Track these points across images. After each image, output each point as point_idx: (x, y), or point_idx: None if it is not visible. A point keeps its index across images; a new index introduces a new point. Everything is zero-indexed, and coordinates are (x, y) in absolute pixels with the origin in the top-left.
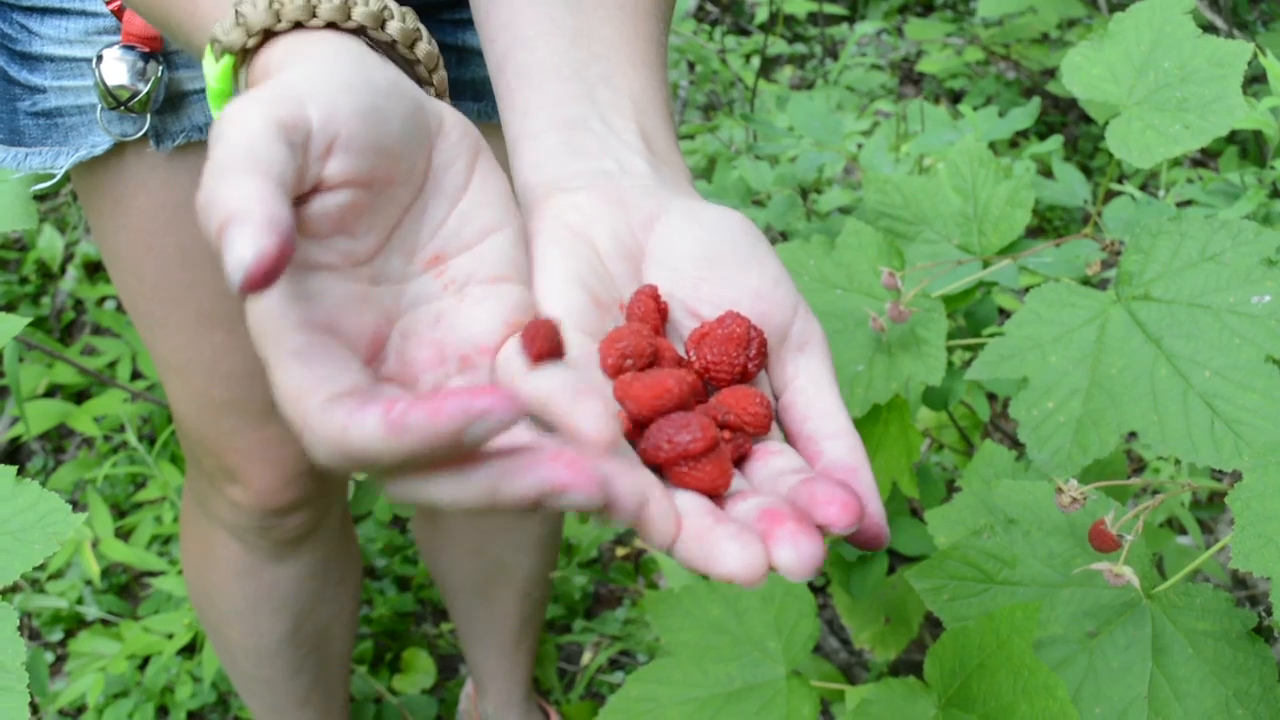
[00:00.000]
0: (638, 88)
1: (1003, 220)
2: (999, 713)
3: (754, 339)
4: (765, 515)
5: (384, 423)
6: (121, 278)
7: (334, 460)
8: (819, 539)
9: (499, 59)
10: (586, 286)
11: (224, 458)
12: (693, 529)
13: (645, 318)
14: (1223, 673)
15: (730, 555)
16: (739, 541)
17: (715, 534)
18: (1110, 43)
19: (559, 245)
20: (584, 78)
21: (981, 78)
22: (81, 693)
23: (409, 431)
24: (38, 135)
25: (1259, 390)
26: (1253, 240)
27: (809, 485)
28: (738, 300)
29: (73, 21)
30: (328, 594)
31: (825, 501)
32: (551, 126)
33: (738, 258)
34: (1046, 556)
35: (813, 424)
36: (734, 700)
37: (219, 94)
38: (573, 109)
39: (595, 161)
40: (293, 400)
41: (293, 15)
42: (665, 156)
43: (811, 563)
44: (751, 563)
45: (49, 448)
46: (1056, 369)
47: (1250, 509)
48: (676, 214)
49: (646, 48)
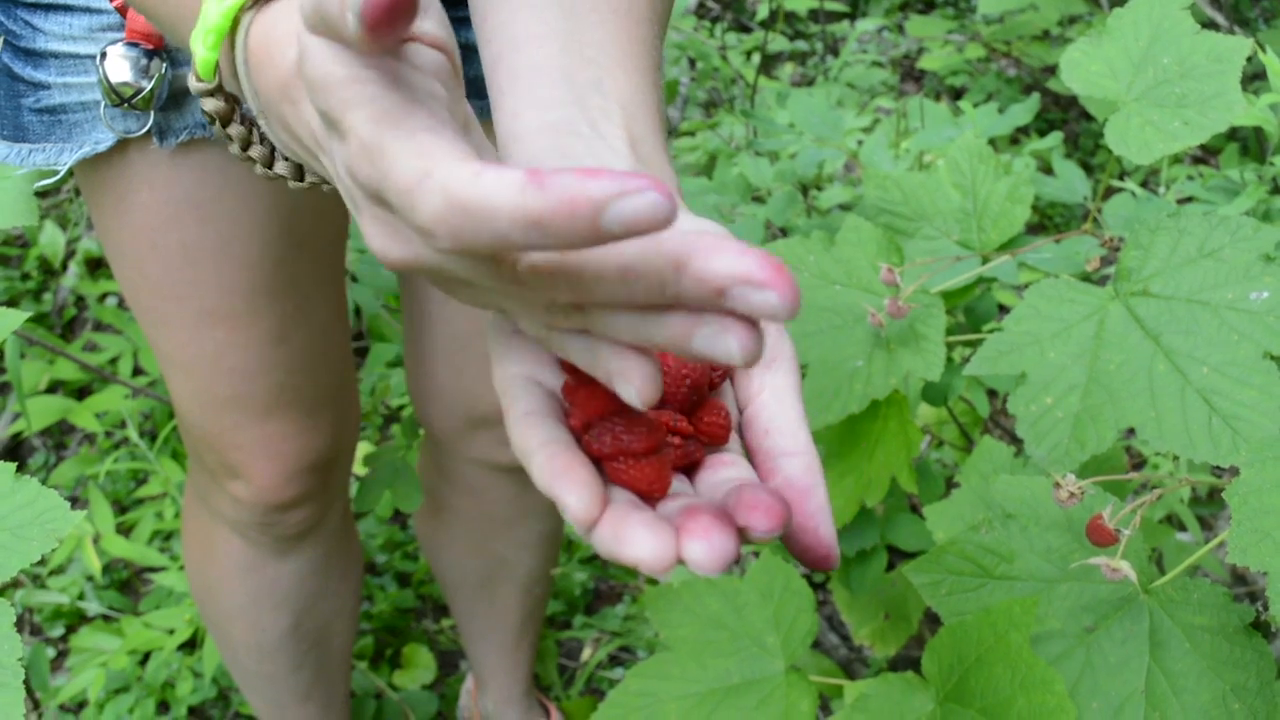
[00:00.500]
0: (627, 93)
1: (1002, 216)
2: (997, 707)
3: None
4: (685, 512)
5: (524, 175)
6: (125, 274)
7: (443, 220)
8: (734, 537)
9: (492, 61)
10: None
11: (226, 454)
12: (610, 516)
13: None
14: (1220, 667)
15: (639, 541)
16: (651, 529)
17: (630, 519)
18: (1109, 39)
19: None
20: (573, 83)
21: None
22: (83, 688)
23: (550, 190)
24: (41, 132)
25: (1257, 386)
26: (1251, 236)
27: (740, 490)
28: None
29: (77, 18)
30: (329, 590)
31: (750, 506)
32: (539, 130)
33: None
34: (1044, 551)
35: (772, 440)
36: (732, 695)
37: (213, 30)
38: (560, 114)
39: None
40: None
41: None
42: (651, 162)
43: (722, 558)
44: (659, 550)
45: (50, 444)
46: (1055, 365)
47: (1247, 504)
48: None
49: (639, 51)
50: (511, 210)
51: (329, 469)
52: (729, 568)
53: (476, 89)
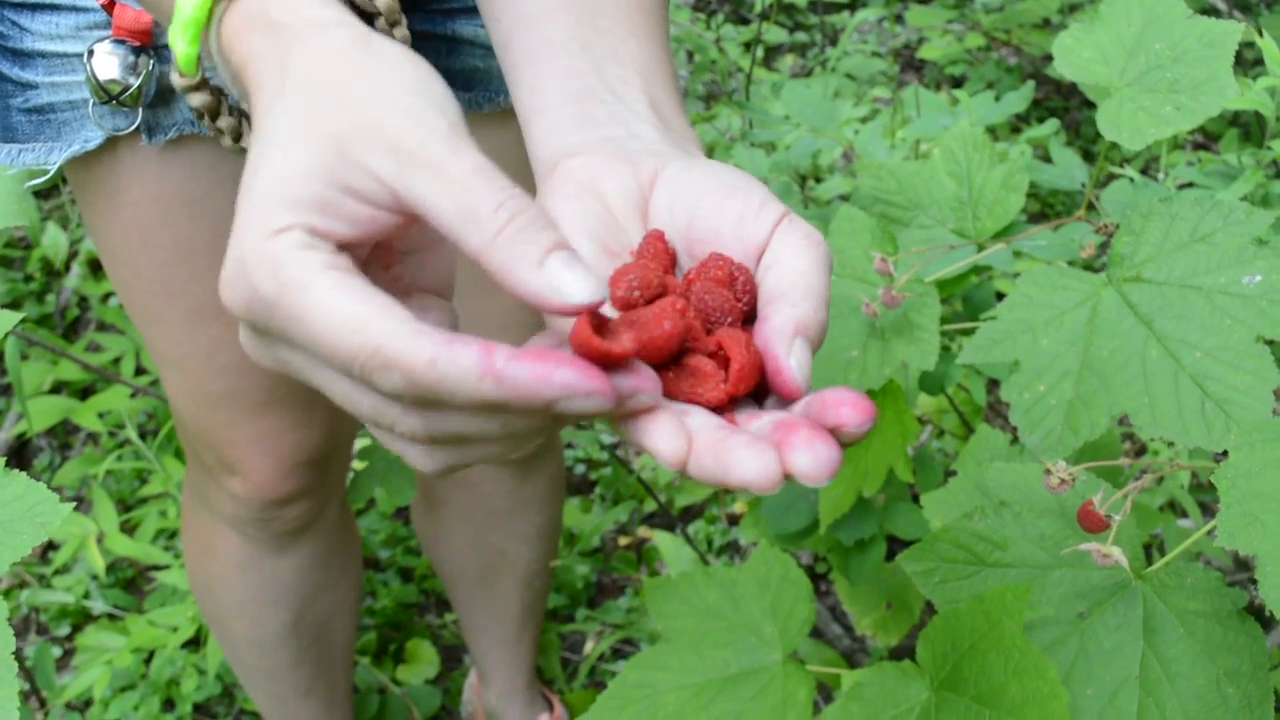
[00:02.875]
0: (643, 60)
1: (997, 204)
2: (990, 694)
3: (737, 278)
4: (780, 426)
5: (480, 364)
6: (117, 272)
7: (405, 391)
8: (833, 443)
9: (504, 39)
10: (596, 237)
11: (222, 450)
12: (706, 442)
13: (654, 257)
14: (1214, 652)
15: (745, 463)
16: (753, 450)
17: (729, 443)
18: (1101, 25)
19: (568, 201)
20: (591, 52)
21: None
22: (88, 686)
23: (506, 384)
24: (30, 131)
25: (1250, 370)
26: (1244, 220)
27: (821, 395)
28: (720, 229)
29: (63, 17)
30: (329, 585)
31: (835, 403)
32: (562, 100)
33: (721, 191)
34: (1038, 538)
35: (764, 299)
36: (730, 685)
37: (191, 23)
38: (581, 83)
39: (605, 129)
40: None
41: None
42: (674, 124)
43: (829, 466)
44: (766, 469)
45: (55, 444)
46: (1048, 352)
47: (1236, 487)
48: (675, 166)
49: (649, 21)
50: (469, 394)
51: (325, 464)
52: (835, 475)
53: (467, 81)
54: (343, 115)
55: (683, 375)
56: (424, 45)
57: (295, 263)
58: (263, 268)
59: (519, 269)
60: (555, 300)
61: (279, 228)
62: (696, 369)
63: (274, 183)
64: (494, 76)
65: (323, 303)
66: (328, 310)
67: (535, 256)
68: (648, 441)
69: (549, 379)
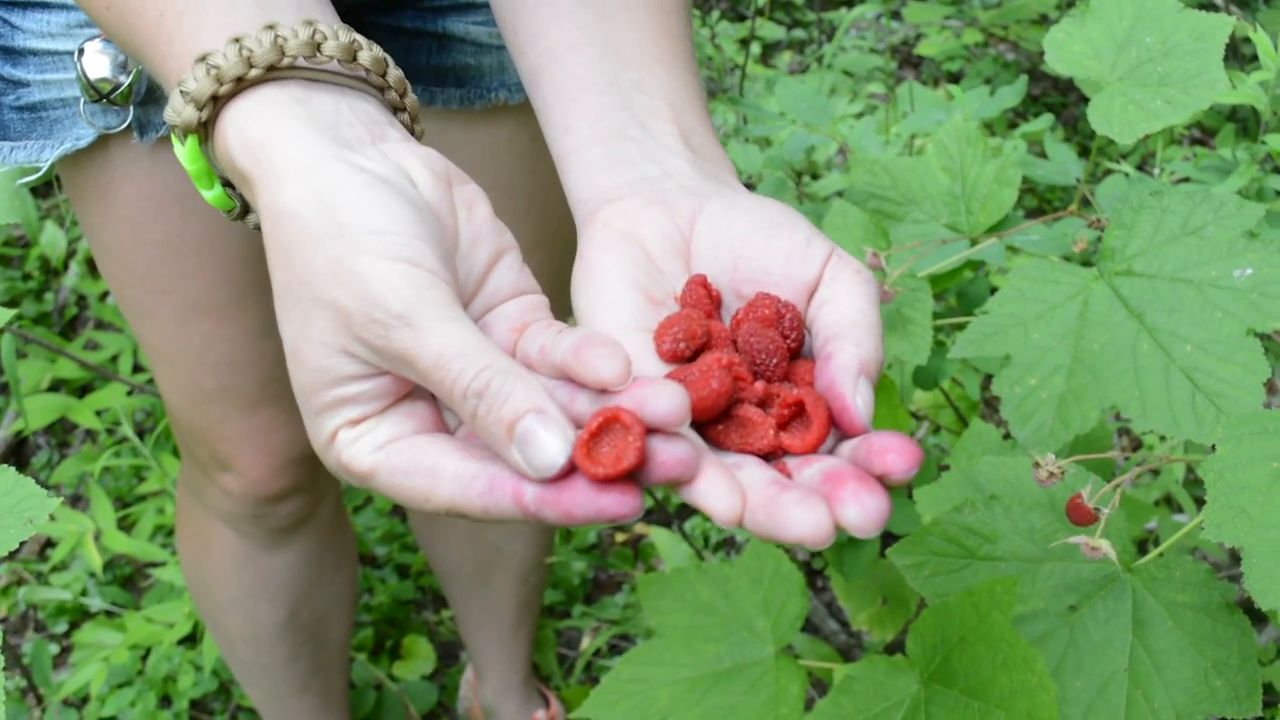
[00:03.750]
0: (670, 87)
1: (990, 199)
2: (979, 687)
3: (784, 315)
4: (829, 478)
5: (518, 507)
6: (110, 270)
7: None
8: (882, 493)
9: (532, 73)
10: (639, 286)
11: (216, 446)
12: (759, 499)
13: (697, 304)
14: (1202, 644)
15: (798, 520)
16: (805, 506)
17: (781, 501)
18: (1092, 19)
19: (608, 251)
20: (618, 87)
21: (980, 60)
22: (85, 682)
23: (543, 518)
24: (22, 129)
25: (1240, 363)
26: (1234, 214)
27: (867, 441)
28: (769, 267)
29: (54, 15)
30: (324, 581)
31: (881, 450)
32: (593, 140)
33: (766, 230)
34: (1027, 532)
35: (819, 338)
36: (723, 680)
37: (197, 174)
38: (611, 120)
39: (638, 169)
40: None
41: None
42: (705, 152)
43: (878, 518)
44: (819, 526)
45: (53, 442)
46: (1039, 345)
47: (1223, 479)
48: (714, 205)
49: (674, 45)
50: (523, 520)
51: (319, 461)
52: (885, 525)
53: (459, 77)
54: (317, 311)
55: (732, 427)
56: (415, 42)
57: (353, 461)
58: (339, 471)
59: (499, 449)
60: (532, 475)
61: (328, 436)
62: (745, 420)
63: (302, 397)
64: (485, 73)
65: (392, 484)
66: (399, 490)
67: (502, 440)
68: (701, 503)
69: (573, 515)
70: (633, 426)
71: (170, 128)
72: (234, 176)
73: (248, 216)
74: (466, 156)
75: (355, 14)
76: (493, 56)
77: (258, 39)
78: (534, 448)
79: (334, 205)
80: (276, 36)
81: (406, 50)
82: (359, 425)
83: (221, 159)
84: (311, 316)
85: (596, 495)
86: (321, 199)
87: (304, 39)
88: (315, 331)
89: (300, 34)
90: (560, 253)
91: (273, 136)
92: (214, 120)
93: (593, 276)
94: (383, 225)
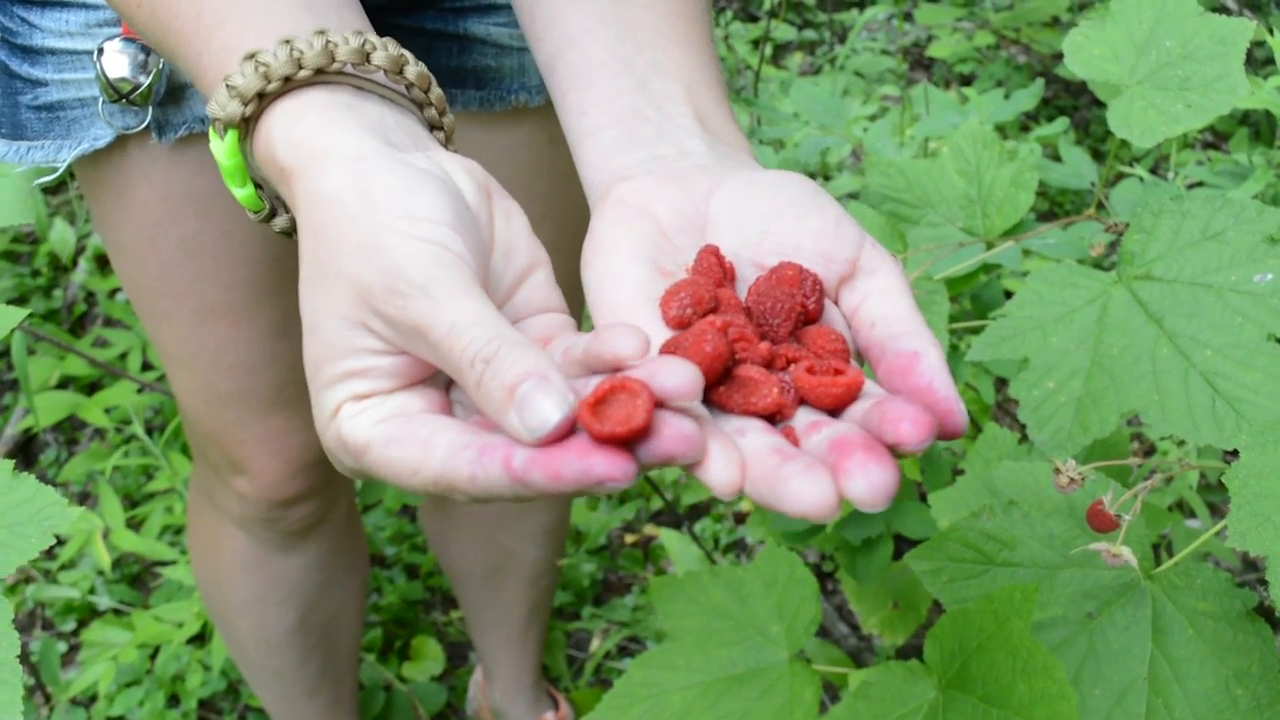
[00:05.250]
0: (687, 70)
1: (1006, 202)
2: (998, 694)
3: (807, 279)
4: (835, 446)
5: (507, 474)
6: (126, 271)
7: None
8: (890, 465)
9: (549, 60)
10: (649, 259)
11: (230, 449)
12: (759, 470)
13: (708, 273)
14: (1223, 653)
15: (799, 493)
16: (807, 477)
17: (782, 472)
18: (1112, 22)
19: (621, 225)
20: (634, 69)
21: (992, 62)
22: (93, 681)
23: (530, 485)
24: (40, 129)
25: (1260, 368)
26: (1255, 218)
27: (880, 405)
28: (799, 244)
29: (73, 14)
30: (335, 584)
31: (895, 419)
32: (609, 123)
33: (796, 208)
34: (1046, 538)
35: (878, 329)
36: (736, 684)
37: (231, 171)
38: (626, 102)
39: (653, 149)
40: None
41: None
42: (722, 134)
43: (884, 491)
44: (822, 498)
45: (62, 439)
46: (1058, 349)
47: (1247, 487)
48: (735, 181)
49: (690, 28)
50: (512, 495)
51: (333, 465)
52: (894, 497)
53: (479, 79)
54: (340, 285)
55: (734, 387)
56: (435, 44)
57: (351, 433)
58: (337, 446)
59: (498, 418)
60: (527, 436)
61: (332, 410)
62: (747, 379)
63: (313, 370)
64: (505, 75)
65: (384, 457)
66: (390, 462)
67: (503, 403)
68: (700, 475)
69: (560, 476)
70: (640, 392)
71: (211, 121)
72: (272, 172)
73: (274, 220)
74: (485, 158)
75: (377, 15)
76: (513, 59)
77: (309, 42)
78: (530, 407)
79: (373, 189)
80: (328, 42)
81: (427, 51)
82: (365, 400)
83: (261, 155)
84: (333, 291)
85: (586, 455)
86: (363, 183)
87: (354, 46)
88: (335, 305)
89: (351, 42)
90: (578, 256)
91: (320, 132)
92: (257, 118)
93: (602, 249)
94: (417, 211)
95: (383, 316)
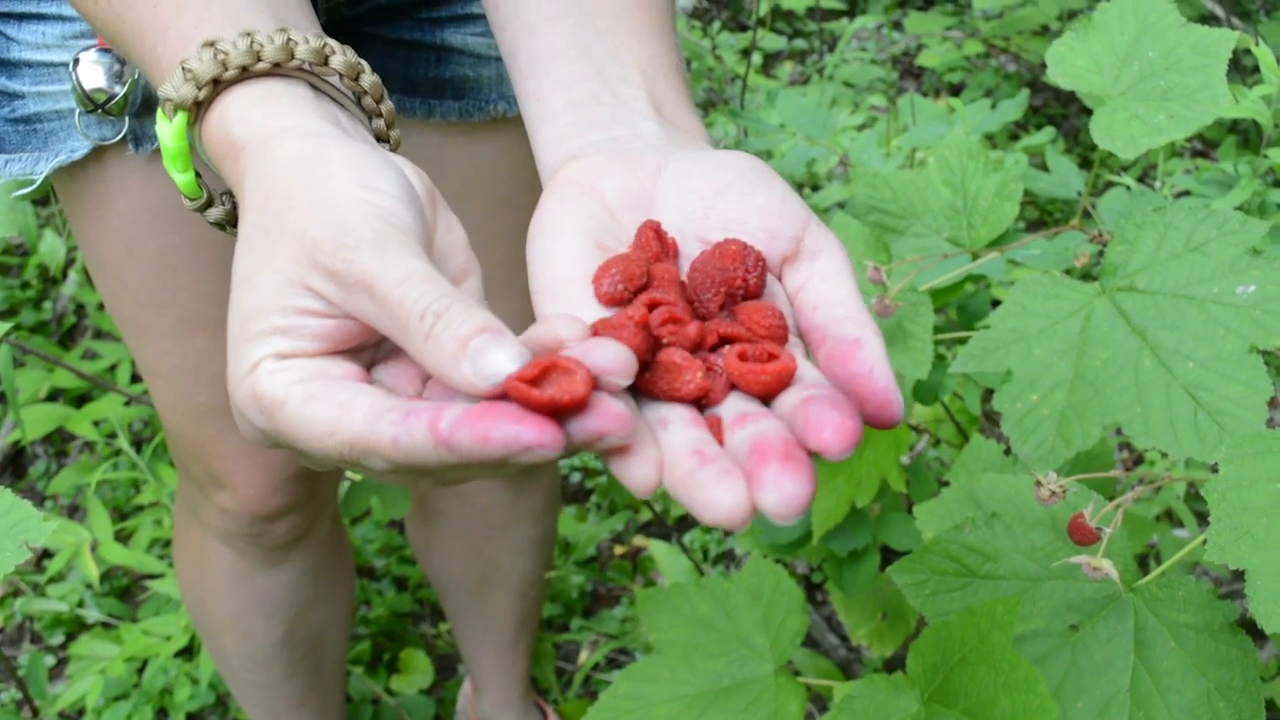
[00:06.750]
0: (645, 57)
1: (992, 213)
2: (980, 708)
3: (749, 254)
4: (755, 450)
5: (431, 436)
6: (105, 283)
7: (386, 467)
8: (806, 476)
9: (510, 47)
10: (590, 235)
11: (211, 463)
12: (678, 473)
13: (645, 248)
14: (1204, 665)
15: (713, 500)
16: (722, 486)
17: (699, 477)
18: (1094, 33)
19: (565, 202)
20: (591, 56)
21: (981, 71)
22: (81, 695)
23: (456, 449)
24: (17, 141)
25: (1242, 381)
26: (1238, 230)
27: (807, 405)
28: (744, 220)
29: (50, 26)
30: (321, 598)
31: (818, 426)
32: (564, 107)
33: (743, 184)
34: (1029, 550)
35: (820, 313)
36: (722, 698)
37: (175, 154)
38: (583, 88)
39: (607, 131)
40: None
41: (238, 60)
42: (678, 120)
43: (796, 505)
44: (734, 508)
45: (51, 451)
46: (1041, 361)
47: (1226, 500)
48: (683, 159)
49: (650, 17)
50: (436, 461)
51: (315, 478)
52: (807, 509)
53: (457, 89)
54: (285, 242)
55: (658, 373)
56: (413, 54)
57: (269, 389)
58: (249, 403)
59: (446, 369)
60: (482, 387)
61: (250, 365)
62: (670, 365)
63: (238, 323)
64: (484, 84)
65: (300, 415)
66: (305, 421)
67: (454, 353)
68: (619, 474)
69: (488, 438)
70: (577, 370)
71: (162, 102)
72: (222, 149)
73: (209, 210)
74: (467, 170)
75: (354, 25)
76: (491, 68)
77: (269, 37)
78: (484, 357)
79: (330, 158)
80: (289, 39)
81: (405, 62)
82: (287, 360)
83: (212, 135)
84: (276, 247)
85: (518, 419)
86: (321, 153)
87: (314, 47)
88: (276, 260)
89: (311, 42)
90: None
91: (279, 115)
92: (208, 104)
93: (546, 226)
94: (373, 183)
95: (328, 271)
